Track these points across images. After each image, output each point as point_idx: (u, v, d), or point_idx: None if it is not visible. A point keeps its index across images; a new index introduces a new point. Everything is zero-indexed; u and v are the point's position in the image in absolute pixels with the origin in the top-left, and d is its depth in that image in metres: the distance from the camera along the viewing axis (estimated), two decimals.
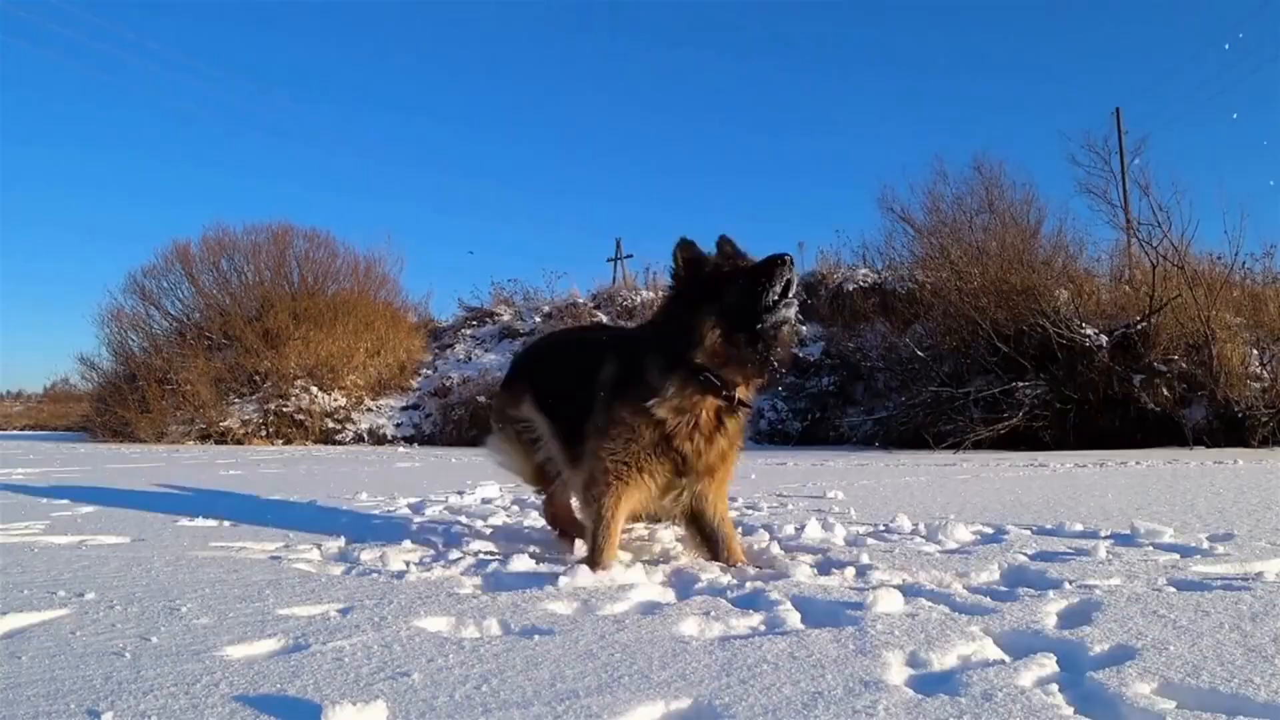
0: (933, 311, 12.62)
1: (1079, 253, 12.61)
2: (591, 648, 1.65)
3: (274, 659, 1.61)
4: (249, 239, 20.40)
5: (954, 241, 12.74)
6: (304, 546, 3.03)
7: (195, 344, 18.84)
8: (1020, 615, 1.86)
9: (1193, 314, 10.30)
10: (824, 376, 14.96)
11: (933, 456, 9.10)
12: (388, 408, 17.92)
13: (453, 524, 3.60)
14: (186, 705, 1.35)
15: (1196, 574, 2.29)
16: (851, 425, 13.32)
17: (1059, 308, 10.91)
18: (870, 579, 2.31)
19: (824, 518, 3.54)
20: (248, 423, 17.58)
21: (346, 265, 20.91)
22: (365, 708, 1.28)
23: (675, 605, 2.03)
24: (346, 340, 18.52)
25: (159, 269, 20.51)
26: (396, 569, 2.57)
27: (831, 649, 1.62)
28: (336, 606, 2.04)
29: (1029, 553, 2.67)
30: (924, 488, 5.03)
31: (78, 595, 2.16)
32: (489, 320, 20.35)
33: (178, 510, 4.15)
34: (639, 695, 1.36)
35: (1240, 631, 1.69)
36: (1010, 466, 7.03)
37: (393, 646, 1.67)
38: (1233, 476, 5.40)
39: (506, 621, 1.88)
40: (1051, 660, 1.53)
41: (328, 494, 5.20)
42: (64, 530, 3.48)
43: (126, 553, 2.90)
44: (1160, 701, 1.32)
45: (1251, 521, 3.23)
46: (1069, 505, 3.94)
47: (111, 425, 18.32)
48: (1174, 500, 3.70)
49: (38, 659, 1.61)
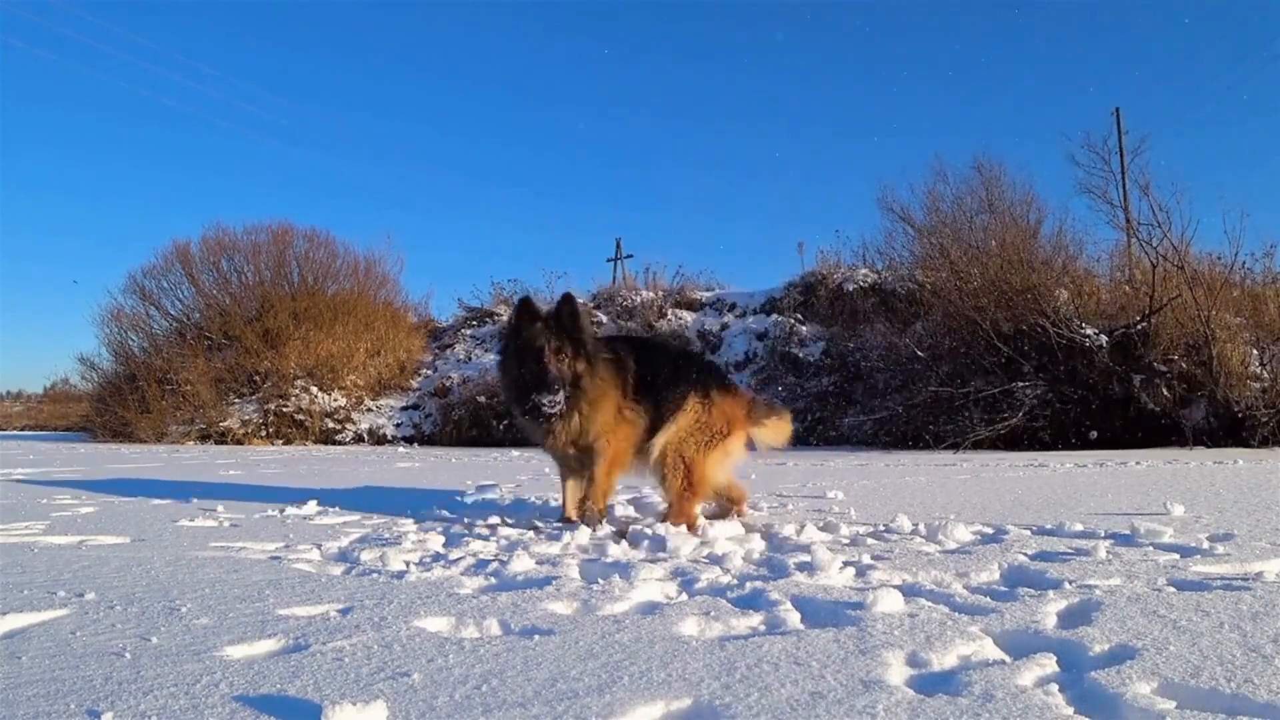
0: (933, 311, 12.62)
1: (1079, 253, 12.61)
2: (592, 648, 1.65)
3: (274, 659, 1.61)
4: (249, 239, 20.44)
5: (954, 241, 12.74)
6: (304, 546, 3.03)
7: (195, 344, 18.85)
8: (1020, 615, 1.86)
9: (1193, 314, 10.30)
10: (824, 376, 14.97)
11: (933, 456, 9.10)
12: (388, 408, 17.92)
13: (453, 524, 3.61)
14: (186, 705, 1.35)
15: (1196, 574, 2.29)
16: (851, 425, 13.32)
17: (1059, 308, 10.91)
18: (870, 579, 2.32)
19: (824, 518, 3.55)
20: (248, 423, 17.58)
21: (346, 265, 20.95)
22: (365, 708, 1.28)
23: (675, 605, 2.03)
24: (346, 340, 18.53)
25: (159, 269, 20.56)
26: (396, 569, 2.57)
27: (831, 649, 1.62)
28: (336, 606, 2.04)
29: (1029, 553, 2.67)
30: (924, 488, 5.03)
31: (78, 595, 2.16)
32: (489, 320, 20.35)
33: (178, 510, 4.15)
34: (639, 695, 1.36)
35: (1240, 631, 1.69)
36: (1010, 466, 7.03)
37: (393, 646, 1.67)
38: (1233, 476, 5.40)
39: (506, 621, 1.88)
40: (1051, 660, 1.53)
41: (327, 494, 5.20)
42: (64, 530, 3.49)
43: (126, 553, 2.90)
44: (1160, 701, 1.31)
45: (1251, 521, 3.23)
46: (1069, 505, 3.94)
47: (111, 425, 18.34)
48: (1174, 500, 3.70)
49: (38, 659, 1.61)
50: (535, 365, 3.33)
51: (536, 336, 3.37)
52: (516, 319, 3.50)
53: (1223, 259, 11.31)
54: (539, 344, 3.35)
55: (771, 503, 4.30)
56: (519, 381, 3.42)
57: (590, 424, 3.46)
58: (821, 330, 15.90)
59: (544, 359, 3.32)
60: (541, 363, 3.32)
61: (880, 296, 15.34)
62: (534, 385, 3.34)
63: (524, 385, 3.39)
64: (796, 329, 16.24)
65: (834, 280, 16.64)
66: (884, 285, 15.59)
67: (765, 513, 3.87)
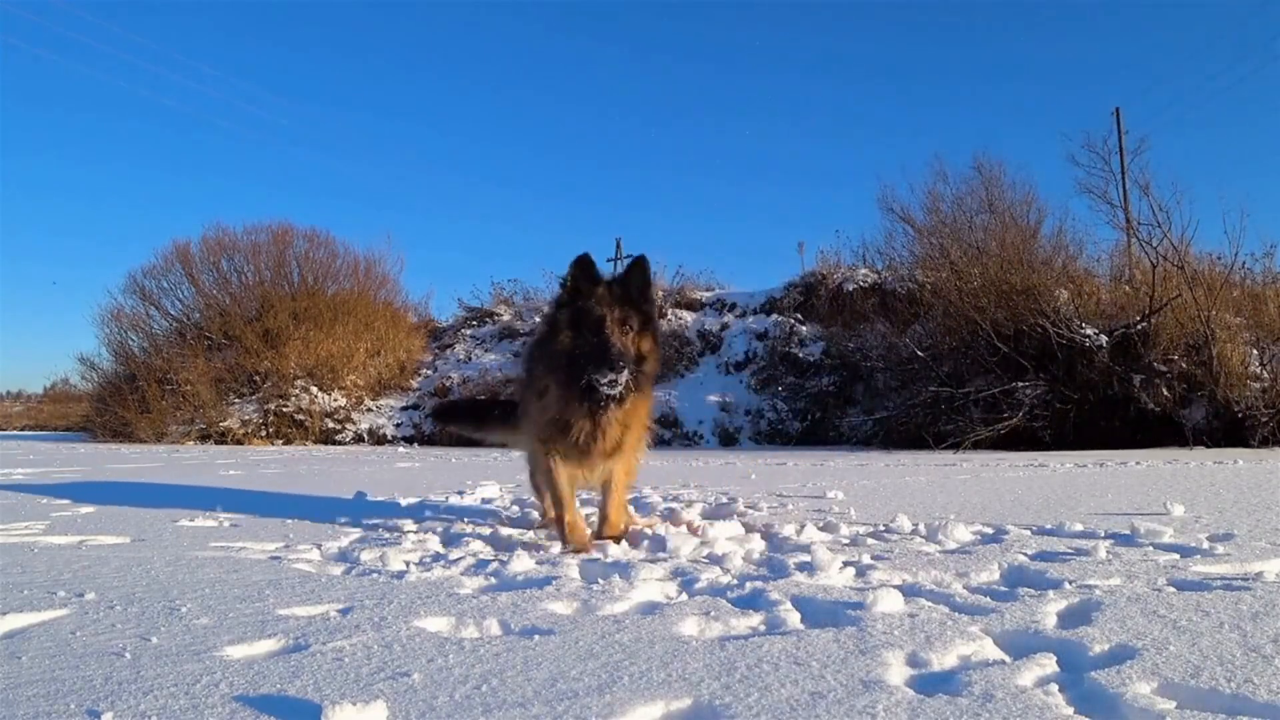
0: (933, 311, 12.63)
1: (1079, 253, 12.64)
2: (592, 648, 1.65)
3: (274, 659, 1.61)
4: (249, 239, 20.47)
5: (954, 241, 12.75)
6: (304, 546, 3.03)
7: (195, 344, 18.86)
8: (1020, 615, 1.86)
9: (1193, 314, 10.31)
10: (824, 376, 14.97)
11: (933, 456, 9.10)
12: (388, 408, 17.93)
13: (453, 524, 3.60)
14: (186, 705, 1.35)
15: (1196, 574, 2.29)
16: (851, 425, 13.33)
17: (1059, 308, 10.91)
18: (870, 579, 2.31)
19: (824, 518, 3.54)
20: (248, 423, 17.58)
21: (346, 265, 20.97)
22: (365, 708, 1.28)
23: (675, 605, 2.03)
24: (346, 340, 18.54)
25: (159, 269, 20.58)
26: (396, 569, 2.57)
27: (831, 649, 1.62)
28: (336, 606, 2.04)
29: (1029, 553, 2.67)
30: (924, 488, 5.03)
31: (78, 595, 2.16)
32: (489, 320, 20.36)
33: (178, 510, 4.15)
34: (639, 695, 1.36)
35: (1240, 631, 1.69)
36: (1010, 466, 7.03)
37: (393, 646, 1.67)
38: (1233, 476, 5.40)
39: (506, 621, 1.88)
40: (1051, 660, 1.53)
41: (328, 494, 5.21)
42: (64, 530, 3.49)
43: (126, 553, 2.90)
44: (1160, 701, 1.31)
45: (1251, 521, 3.23)
46: (1069, 505, 3.94)
47: (111, 425, 18.35)
48: (1174, 500, 3.70)
49: (38, 659, 1.61)
50: (594, 337, 2.80)
51: (598, 303, 2.84)
52: (573, 282, 2.91)
53: (1223, 259, 11.33)
54: (599, 313, 2.82)
55: (771, 503, 4.30)
56: (571, 356, 2.84)
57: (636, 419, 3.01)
58: (821, 330, 15.91)
59: (605, 330, 2.79)
60: (602, 334, 2.79)
61: (880, 296, 15.35)
62: (592, 360, 2.77)
63: (576, 360, 2.81)
64: (796, 329, 16.25)
65: (834, 280, 16.65)
66: (884, 285, 15.60)
67: (765, 513, 3.87)
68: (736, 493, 4.86)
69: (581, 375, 2.79)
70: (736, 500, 4.32)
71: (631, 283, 2.91)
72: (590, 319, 2.82)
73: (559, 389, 2.90)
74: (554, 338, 2.91)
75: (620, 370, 2.75)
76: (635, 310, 2.88)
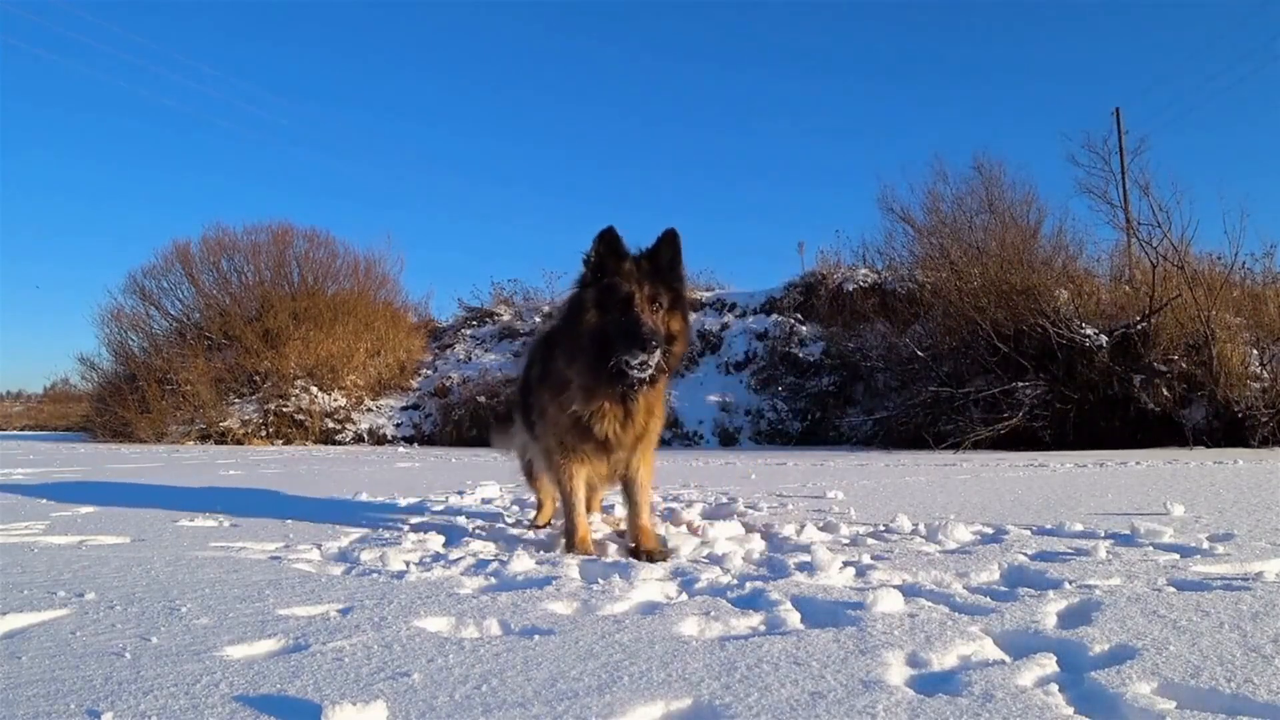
0: (933, 311, 12.63)
1: (1079, 253, 12.66)
2: (592, 648, 1.65)
3: (274, 659, 1.61)
4: (249, 239, 20.48)
5: (954, 241, 12.76)
6: (304, 546, 3.03)
7: (195, 344, 18.86)
8: (1020, 615, 1.86)
9: (1193, 314, 10.31)
10: (824, 376, 14.97)
11: (933, 456, 9.10)
12: (388, 408, 17.93)
13: (452, 524, 3.60)
14: (186, 705, 1.35)
15: (1196, 574, 2.29)
16: (851, 425, 13.33)
17: (1059, 308, 10.91)
18: (870, 579, 2.31)
19: (824, 518, 3.54)
20: (248, 423, 17.58)
21: (346, 265, 20.98)
22: (365, 708, 1.28)
23: (675, 605, 2.03)
24: (346, 340, 18.54)
25: (159, 269, 20.59)
26: (396, 569, 2.57)
27: (831, 649, 1.62)
28: (336, 606, 2.04)
29: (1029, 553, 2.67)
30: (924, 488, 5.03)
31: (78, 595, 2.16)
32: (489, 320, 20.36)
33: (178, 510, 4.15)
34: (639, 695, 1.36)
35: (1240, 631, 1.69)
36: (1010, 466, 7.03)
37: (393, 646, 1.67)
38: (1233, 476, 5.40)
39: (506, 621, 1.88)
40: (1051, 660, 1.53)
41: (328, 494, 5.21)
42: (64, 530, 3.49)
43: (126, 553, 2.90)
44: (1160, 701, 1.31)
45: (1251, 521, 3.23)
46: (1069, 505, 3.94)
47: (111, 425, 18.35)
48: (1174, 500, 3.70)
49: (38, 659, 1.61)
50: (621, 316, 2.61)
51: (626, 279, 2.66)
52: (598, 258, 2.72)
53: (1223, 259, 11.34)
54: (628, 289, 2.63)
55: (771, 503, 4.30)
56: (597, 337, 2.64)
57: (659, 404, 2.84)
58: (821, 330, 15.91)
59: (634, 308, 2.61)
60: (631, 312, 2.60)
61: (880, 296, 15.35)
62: (619, 339, 2.59)
63: (604, 341, 2.63)
64: (796, 329, 16.25)
65: (834, 280, 16.64)
66: (884, 285, 15.60)
67: (765, 513, 3.87)
68: (736, 493, 4.86)
69: (609, 358, 2.60)
70: (736, 500, 4.33)
71: (661, 257, 2.73)
72: (618, 296, 2.63)
73: (583, 377, 2.72)
74: (579, 320, 2.70)
75: (652, 351, 2.56)
76: (665, 286, 2.71)
